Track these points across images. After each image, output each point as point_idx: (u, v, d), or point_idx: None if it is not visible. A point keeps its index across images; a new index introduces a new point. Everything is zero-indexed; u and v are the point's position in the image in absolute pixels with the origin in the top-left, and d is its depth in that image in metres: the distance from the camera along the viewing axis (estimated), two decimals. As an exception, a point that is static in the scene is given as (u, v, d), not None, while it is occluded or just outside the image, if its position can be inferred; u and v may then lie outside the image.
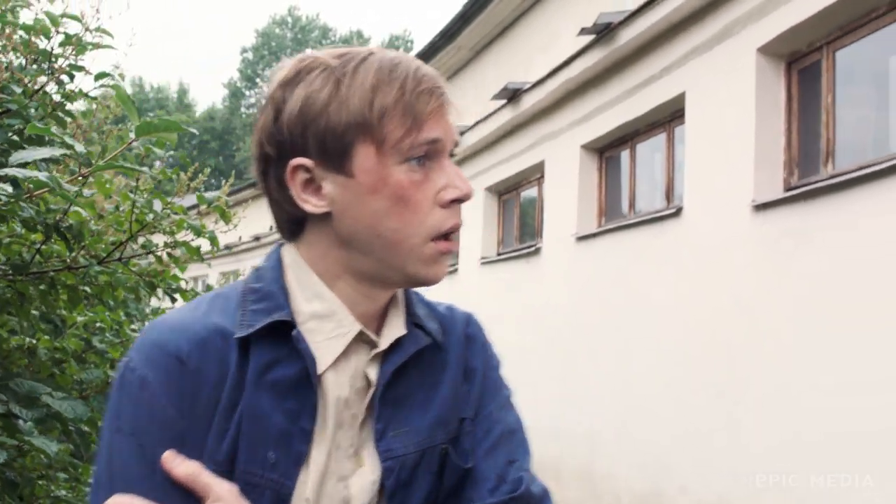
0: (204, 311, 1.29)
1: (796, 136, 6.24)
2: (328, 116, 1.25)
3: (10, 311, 3.22)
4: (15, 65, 2.59)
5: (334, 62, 1.28)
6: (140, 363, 1.22)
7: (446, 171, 1.29)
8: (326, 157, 1.27)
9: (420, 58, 7.95)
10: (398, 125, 1.24)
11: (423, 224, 1.28)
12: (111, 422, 1.22)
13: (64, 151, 1.89)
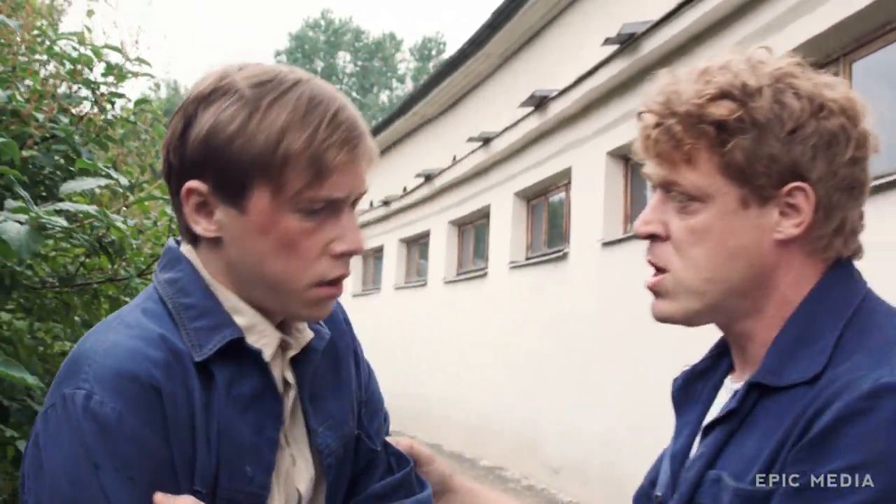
0: (146, 331, 1.24)
1: (814, 145, 6.37)
2: (231, 151, 1.23)
3: (56, 319, 3.45)
4: (61, 93, 2.80)
5: (249, 92, 1.24)
6: (110, 396, 1.16)
7: (341, 223, 1.28)
8: (222, 188, 1.25)
9: (450, 64, 8.21)
10: (299, 176, 1.23)
11: (308, 271, 1.28)
12: (82, 459, 1.15)
13: (108, 182, 2.09)
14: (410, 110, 15.67)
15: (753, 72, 1.28)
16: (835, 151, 1.26)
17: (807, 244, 1.30)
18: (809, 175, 1.26)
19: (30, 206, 1.93)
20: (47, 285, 3.10)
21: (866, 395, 1.14)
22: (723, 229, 1.30)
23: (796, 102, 1.25)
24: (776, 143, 1.25)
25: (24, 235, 1.74)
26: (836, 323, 1.27)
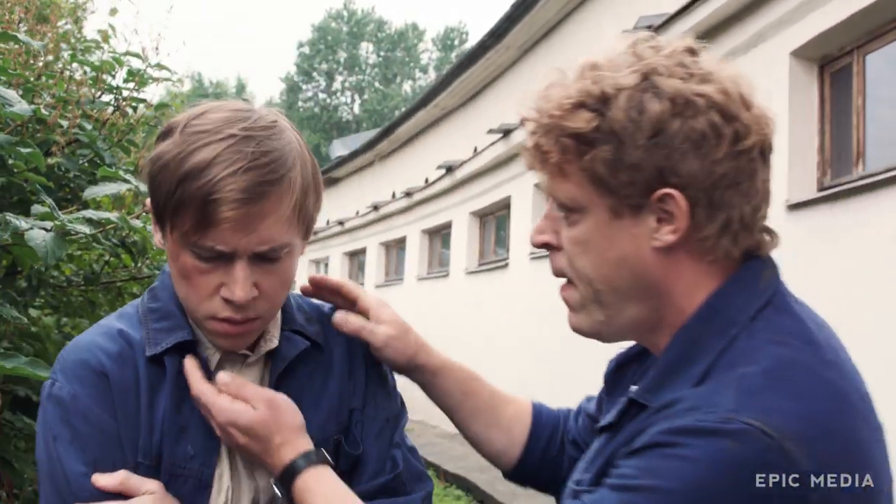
0: (110, 329, 1.45)
1: (829, 137, 6.41)
2: (154, 187, 1.37)
3: (82, 315, 3.57)
4: (84, 100, 2.90)
5: (187, 137, 1.33)
6: (67, 381, 1.38)
7: (231, 274, 1.35)
8: (154, 215, 1.41)
9: (470, 56, 8.28)
10: (187, 220, 1.31)
11: (200, 304, 1.39)
12: (47, 434, 1.37)
13: (129, 187, 2.20)
14: (431, 102, 15.73)
15: (616, 74, 1.24)
16: (706, 150, 1.20)
17: (690, 248, 1.25)
18: (678, 179, 1.21)
19: (55, 213, 2.04)
20: (73, 284, 3.22)
21: (670, 431, 1.14)
22: (601, 240, 1.27)
23: (656, 105, 1.20)
24: (637, 151, 1.21)
25: (50, 242, 1.85)
26: (715, 345, 1.21)
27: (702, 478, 1.09)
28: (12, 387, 2.81)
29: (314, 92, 60.83)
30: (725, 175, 1.21)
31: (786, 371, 1.15)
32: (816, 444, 1.10)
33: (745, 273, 1.27)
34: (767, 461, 1.08)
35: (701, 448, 1.10)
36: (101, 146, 2.90)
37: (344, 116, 60.39)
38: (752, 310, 1.23)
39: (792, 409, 1.11)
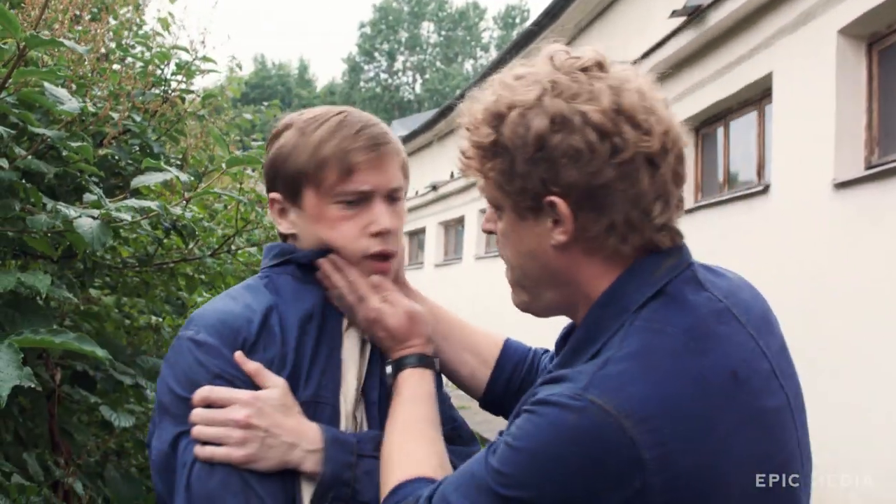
0: (239, 299, 1.66)
1: (877, 115, 6.40)
2: (287, 163, 1.67)
3: (139, 295, 3.77)
4: (135, 92, 3.08)
5: (303, 124, 1.68)
6: (208, 334, 1.57)
7: (373, 210, 1.65)
8: (287, 193, 1.70)
9: (525, 36, 8.39)
10: (331, 174, 1.63)
11: (355, 244, 1.66)
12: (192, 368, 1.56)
13: (173, 176, 2.37)
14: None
15: (526, 88, 1.39)
16: (583, 163, 1.33)
17: (583, 246, 1.40)
18: (559, 188, 1.35)
19: (103, 202, 2.21)
20: (128, 266, 3.40)
21: (537, 399, 1.33)
22: (514, 235, 1.46)
23: (539, 122, 1.35)
24: (524, 164, 1.37)
25: (96, 229, 2.02)
26: (611, 327, 1.37)
27: (547, 443, 1.28)
28: (70, 362, 3.01)
29: (376, 72, 61.13)
30: (605, 185, 1.35)
31: (647, 356, 1.31)
32: (655, 424, 1.25)
33: (639, 266, 1.41)
34: (603, 436, 1.24)
35: (548, 417, 1.29)
36: (150, 136, 3.07)
37: (405, 96, 60.62)
38: (642, 299, 1.38)
39: (638, 391, 1.27)
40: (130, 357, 3.17)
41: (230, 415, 1.53)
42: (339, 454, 1.57)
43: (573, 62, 1.41)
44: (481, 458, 1.38)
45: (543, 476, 1.28)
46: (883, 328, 5.74)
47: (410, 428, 1.60)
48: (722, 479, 1.29)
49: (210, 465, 1.52)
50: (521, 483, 1.30)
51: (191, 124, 3.55)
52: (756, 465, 1.32)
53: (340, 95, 59.24)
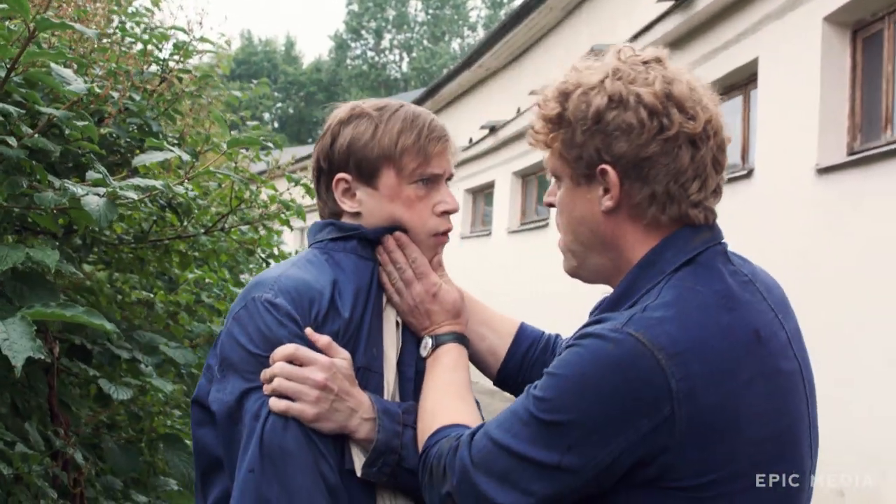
0: (310, 272, 1.79)
1: (860, 102, 6.50)
2: (367, 148, 1.83)
3: (132, 271, 3.83)
4: (133, 72, 3.13)
5: (375, 113, 1.85)
6: (286, 301, 1.70)
7: (441, 192, 1.87)
8: (361, 175, 1.85)
9: (514, 17, 8.49)
10: (412, 160, 1.83)
11: (425, 225, 1.87)
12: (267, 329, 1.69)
13: (174, 155, 2.43)
14: (475, 63, 15.86)
15: (586, 73, 1.61)
16: (633, 137, 1.54)
17: (629, 212, 1.60)
18: (611, 157, 1.56)
19: (108, 180, 2.27)
20: (124, 242, 3.46)
21: (580, 333, 1.52)
22: (569, 202, 1.66)
23: (599, 99, 1.56)
24: (582, 135, 1.58)
25: (103, 207, 2.09)
26: (644, 286, 1.57)
27: (587, 369, 1.46)
28: (69, 335, 3.07)
29: (363, 50, 60.89)
30: (649, 157, 1.55)
31: (680, 306, 1.50)
32: (684, 359, 1.43)
33: (676, 236, 1.60)
34: (638, 364, 1.43)
35: (589, 347, 1.47)
36: (149, 115, 3.13)
37: (392, 74, 60.45)
38: (677, 263, 1.57)
39: (673, 331, 1.45)
40: (126, 332, 3.23)
41: (311, 375, 1.66)
42: (389, 423, 1.72)
43: (636, 56, 1.63)
44: (522, 397, 1.55)
45: (582, 400, 1.45)
46: (863, 311, 5.85)
47: (451, 389, 1.77)
48: (737, 423, 1.46)
49: (284, 421, 1.65)
50: (560, 407, 1.47)
51: (186, 103, 3.60)
52: (767, 420, 1.49)
53: (327, 73, 59.04)
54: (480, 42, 15.80)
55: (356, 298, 1.80)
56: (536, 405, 1.49)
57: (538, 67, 13.65)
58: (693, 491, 1.45)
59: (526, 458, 1.49)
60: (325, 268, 1.82)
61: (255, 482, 1.63)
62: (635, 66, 1.60)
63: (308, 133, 57.86)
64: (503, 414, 1.57)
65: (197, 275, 4.45)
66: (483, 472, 1.53)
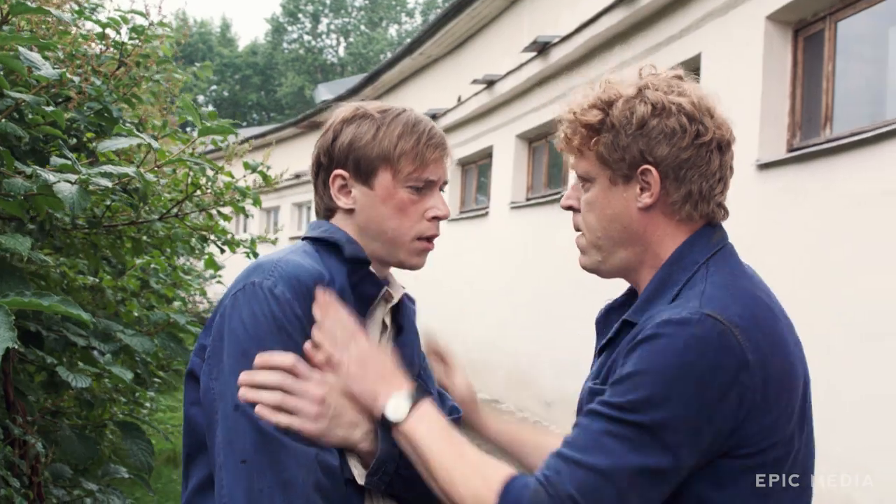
0: (309, 262, 1.83)
1: (800, 100, 6.64)
2: (366, 149, 1.90)
3: (81, 256, 3.78)
4: (92, 56, 3.09)
5: (378, 116, 1.92)
6: (288, 290, 1.74)
7: (434, 198, 1.94)
8: (359, 173, 1.91)
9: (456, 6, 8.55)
10: (409, 164, 1.89)
11: (413, 228, 1.92)
12: (269, 321, 1.71)
13: (140, 142, 2.41)
14: (417, 50, 15.83)
15: (620, 86, 1.78)
16: (675, 140, 1.71)
17: (663, 210, 1.76)
18: (654, 159, 1.72)
19: (75, 166, 2.25)
20: (78, 227, 3.42)
21: (655, 325, 1.60)
22: (602, 201, 1.80)
23: (643, 107, 1.72)
24: (627, 138, 1.73)
25: (76, 194, 2.07)
26: (682, 278, 1.72)
27: (675, 357, 1.55)
28: (23, 322, 3.02)
29: (299, 34, 60.34)
30: (688, 159, 1.72)
31: (731, 287, 1.67)
32: (752, 335, 1.59)
33: (701, 233, 1.78)
34: (722, 340, 1.56)
35: (671, 337, 1.57)
36: (108, 100, 3.09)
37: (329, 59, 60.03)
38: (707, 255, 1.75)
39: (736, 310, 1.61)
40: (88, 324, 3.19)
41: (310, 389, 1.71)
42: (387, 433, 1.74)
43: (657, 73, 1.81)
44: (588, 419, 1.60)
45: (682, 386, 1.54)
46: (805, 304, 5.99)
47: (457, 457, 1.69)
48: (793, 384, 1.65)
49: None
50: (660, 402, 1.54)
51: (144, 87, 3.56)
52: (803, 381, 1.70)
53: (263, 56, 58.38)
54: (422, 30, 15.77)
55: (340, 298, 1.83)
56: (624, 412, 1.55)
57: (479, 57, 13.69)
58: (758, 456, 1.60)
59: (637, 472, 1.53)
60: (319, 261, 1.87)
61: (247, 472, 1.64)
62: (665, 79, 1.77)
63: (243, 116, 57.23)
64: (582, 438, 1.58)
65: (144, 261, 4.41)
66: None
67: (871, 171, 5.59)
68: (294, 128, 23.99)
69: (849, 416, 5.50)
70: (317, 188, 2.00)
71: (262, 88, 58.52)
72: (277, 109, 57.33)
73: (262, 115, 59.32)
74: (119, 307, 4.23)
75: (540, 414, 10.37)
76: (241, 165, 3.79)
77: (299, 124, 23.79)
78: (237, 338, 1.72)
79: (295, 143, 23.23)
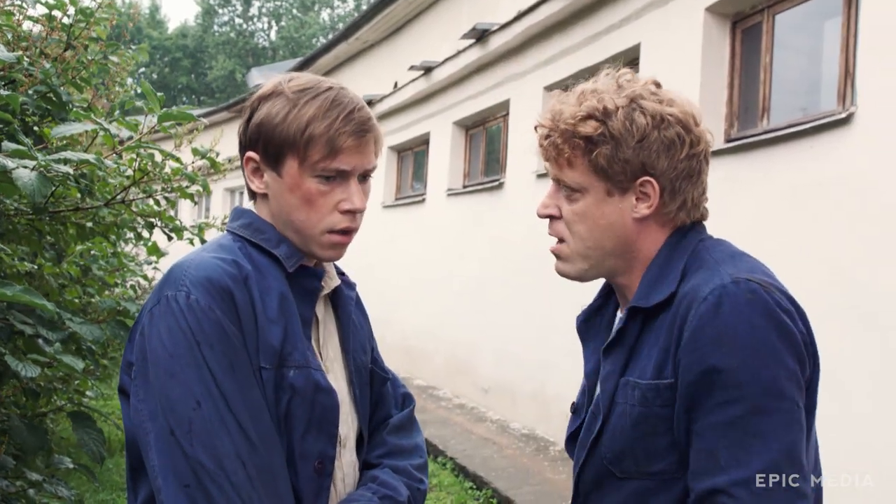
0: (223, 258, 1.74)
1: (737, 91, 6.75)
2: (275, 132, 1.76)
3: (23, 243, 3.70)
4: (39, 39, 3.02)
5: (292, 95, 1.77)
6: (203, 295, 1.64)
7: (349, 189, 1.79)
8: (268, 157, 1.80)
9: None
10: (318, 152, 1.75)
11: (321, 221, 1.79)
12: (185, 338, 1.60)
13: (95, 127, 2.37)
14: (353, 35, 15.74)
15: (614, 96, 1.78)
16: (673, 152, 1.76)
17: (659, 219, 1.82)
18: (654, 171, 1.76)
19: (32, 152, 2.20)
20: (21, 212, 3.35)
21: (703, 308, 1.63)
22: (596, 212, 1.80)
23: (643, 119, 1.75)
24: (628, 150, 1.75)
25: (36, 181, 2.03)
26: (680, 259, 1.78)
27: (752, 323, 1.59)
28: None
29: (230, 17, 59.56)
30: (684, 170, 1.78)
31: (740, 256, 1.77)
32: (783, 291, 1.68)
33: (687, 227, 1.85)
34: (771, 296, 1.63)
35: (727, 308, 1.61)
36: (55, 83, 3.03)
37: (260, 43, 59.36)
38: (699, 239, 1.83)
39: (760, 272, 1.70)
40: (28, 307, 3.13)
41: None
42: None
43: (639, 81, 1.84)
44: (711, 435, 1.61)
45: (770, 347, 1.58)
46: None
47: None
48: (816, 350, 1.70)
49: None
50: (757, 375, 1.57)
51: (91, 71, 3.49)
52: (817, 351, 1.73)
53: (193, 39, 57.52)
54: (359, 15, 15.67)
55: (282, 303, 1.77)
56: (745, 396, 1.57)
57: (417, 42, 13.65)
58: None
59: (783, 457, 1.55)
60: (239, 256, 1.78)
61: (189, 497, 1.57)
62: (651, 89, 1.82)
63: (173, 100, 56.26)
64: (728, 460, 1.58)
65: (85, 247, 4.34)
66: None
67: (806, 161, 5.70)
68: (226, 112, 23.71)
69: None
70: (242, 168, 1.87)
71: (193, 71, 57.69)
72: (208, 93, 56.56)
73: (193, 99, 58.46)
74: (61, 297, 4.16)
75: (477, 400, 10.43)
76: (189, 151, 3.74)
77: (231, 108, 23.52)
78: (158, 358, 1.62)
79: (226, 128, 22.97)
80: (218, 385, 1.61)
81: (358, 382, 1.92)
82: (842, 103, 5.62)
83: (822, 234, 5.54)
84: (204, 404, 1.59)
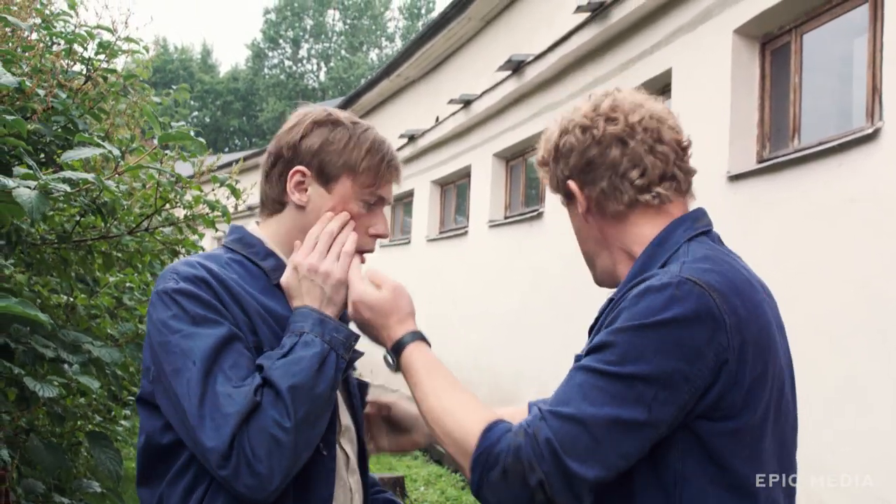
0: (205, 263, 1.89)
1: (768, 112, 6.73)
2: (335, 155, 1.99)
3: (52, 273, 3.80)
4: (58, 70, 3.13)
5: (351, 125, 2.02)
6: (187, 283, 1.82)
7: (378, 216, 2.06)
8: (321, 175, 2.00)
9: (433, 27, 8.66)
10: (369, 179, 2.01)
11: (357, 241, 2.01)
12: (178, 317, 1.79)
13: (103, 151, 2.45)
14: (394, 72, 15.91)
15: (568, 120, 1.96)
16: (575, 151, 1.92)
17: (599, 211, 1.94)
18: (570, 172, 1.94)
19: (36, 174, 2.28)
20: (46, 242, 3.44)
21: (637, 291, 1.72)
22: (573, 224, 2.03)
23: (573, 138, 1.92)
24: (554, 165, 1.98)
25: (35, 199, 2.10)
26: (666, 253, 1.84)
27: (659, 315, 1.65)
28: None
29: (280, 59, 60.56)
30: (591, 160, 1.90)
31: (711, 259, 1.78)
32: (728, 299, 1.69)
33: (682, 220, 1.90)
34: (700, 301, 1.66)
35: (655, 297, 1.67)
36: (74, 113, 3.13)
37: (310, 84, 60.20)
38: (691, 234, 1.87)
39: (714, 277, 1.71)
40: (52, 331, 3.21)
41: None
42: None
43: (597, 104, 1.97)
44: (574, 370, 1.74)
45: (660, 342, 1.64)
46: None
47: (446, 390, 1.89)
48: (770, 354, 1.75)
49: None
50: (639, 356, 1.64)
51: (111, 103, 3.60)
52: (783, 356, 1.83)
53: (244, 82, 58.49)
54: (399, 51, 15.86)
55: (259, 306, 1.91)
56: (609, 363, 1.66)
57: (457, 77, 13.77)
58: (733, 420, 1.69)
59: (612, 422, 1.63)
60: (223, 264, 1.94)
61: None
62: (578, 104, 1.99)
63: (224, 142, 57.26)
64: (562, 392, 1.71)
65: (118, 278, 4.43)
66: (571, 453, 1.63)
67: (837, 179, 5.66)
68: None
69: (807, 419, 5.54)
70: (270, 179, 2.04)
71: (244, 114, 58.61)
72: (259, 135, 57.39)
73: (245, 141, 59.36)
74: (91, 323, 4.25)
75: (521, 431, 10.36)
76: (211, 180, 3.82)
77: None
78: (167, 347, 1.78)
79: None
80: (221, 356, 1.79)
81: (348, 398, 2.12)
82: (870, 119, 5.58)
83: (848, 252, 5.48)
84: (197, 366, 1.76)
